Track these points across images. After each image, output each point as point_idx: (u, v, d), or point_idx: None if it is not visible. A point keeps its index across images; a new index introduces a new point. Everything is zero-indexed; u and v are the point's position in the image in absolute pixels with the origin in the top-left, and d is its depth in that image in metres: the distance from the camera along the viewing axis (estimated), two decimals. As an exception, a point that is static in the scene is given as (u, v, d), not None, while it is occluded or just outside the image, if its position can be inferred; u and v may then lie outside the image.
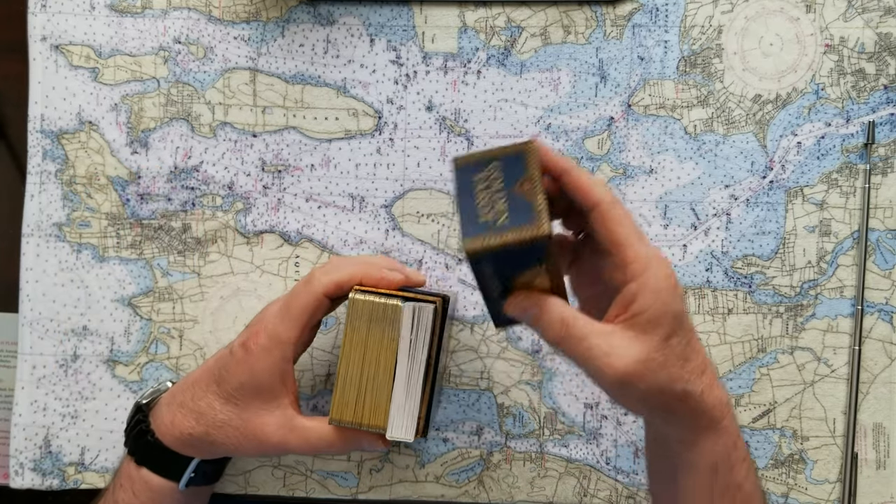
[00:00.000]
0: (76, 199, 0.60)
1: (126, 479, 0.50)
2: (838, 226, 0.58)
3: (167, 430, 0.49)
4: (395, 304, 0.47)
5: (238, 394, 0.48)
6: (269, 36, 0.59)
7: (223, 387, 0.49)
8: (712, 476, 0.42)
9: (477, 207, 0.39)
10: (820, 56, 0.58)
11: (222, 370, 0.49)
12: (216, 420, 0.49)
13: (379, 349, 0.48)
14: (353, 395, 0.48)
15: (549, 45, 0.59)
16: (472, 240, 0.38)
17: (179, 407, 0.49)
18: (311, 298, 0.48)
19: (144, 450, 0.50)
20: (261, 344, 0.48)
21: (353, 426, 0.48)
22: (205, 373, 0.50)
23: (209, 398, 0.49)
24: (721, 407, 0.41)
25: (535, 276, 0.41)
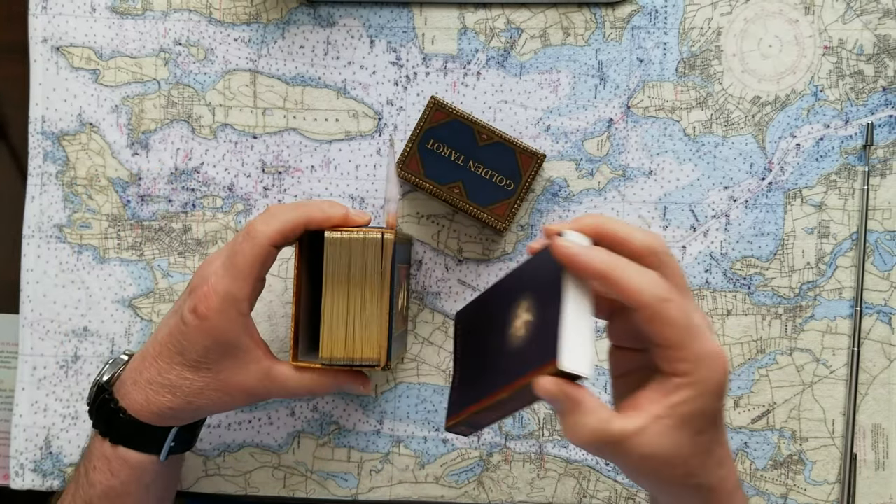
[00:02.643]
0: (77, 201, 0.60)
1: (100, 460, 0.49)
2: (837, 227, 0.58)
3: (142, 408, 0.48)
4: (376, 237, 0.47)
5: (206, 359, 0.47)
6: (270, 38, 0.60)
7: (188, 356, 0.47)
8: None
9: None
10: (819, 58, 0.58)
11: (181, 340, 0.47)
12: (193, 389, 0.47)
13: (363, 283, 0.48)
14: (342, 332, 0.48)
15: (548, 47, 0.59)
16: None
17: (148, 384, 0.48)
18: (258, 251, 0.46)
19: (119, 429, 0.48)
20: (213, 307, 0.46)
21: (346, 363, 0.48)
22: (163, 346, 0.48)
23: (177, 370, 0.47)
24: (730, 493, 0.41)
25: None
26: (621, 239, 0.40)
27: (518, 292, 0.42)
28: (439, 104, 0.54)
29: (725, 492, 0.40)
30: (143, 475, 0.49)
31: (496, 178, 0.54)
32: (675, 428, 0.37)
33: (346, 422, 0.59)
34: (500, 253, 0.59)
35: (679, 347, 0.37)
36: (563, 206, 0.59)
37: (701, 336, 0.38)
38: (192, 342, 0.47)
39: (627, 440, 0.37)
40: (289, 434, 0.59)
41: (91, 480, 0.49)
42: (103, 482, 0.48)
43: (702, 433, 0.38)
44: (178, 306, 0.48)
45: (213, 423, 0.59)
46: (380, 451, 0.59)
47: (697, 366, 0.37)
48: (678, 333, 0.37)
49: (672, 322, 0.37)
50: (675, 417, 0.37)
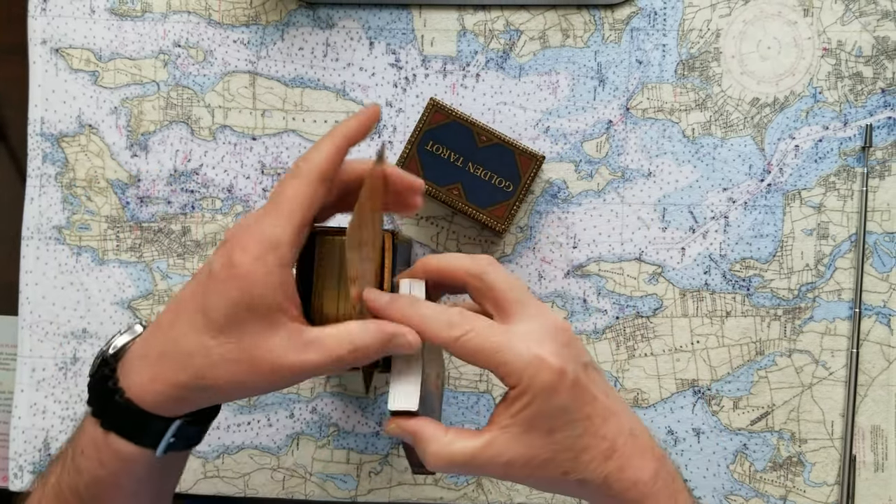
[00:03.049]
0: (76, 202, 0.60)
1: (90, 445, 0.41)
2: (836, 229, 0.58)
3: (145, 389, 0.40)
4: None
5: (232, 319, 0.38)
6: (269, 39, 0.60)
7: (211, 315, 0.38)
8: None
9: None
10: (818, 60, 0.58)
11: (205, 296, 0.39)
12: (210, 360, 0.39)
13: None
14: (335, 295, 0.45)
15: (547, 49, 0.59)
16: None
17: (159, 358, 0.40)
18: (304, 187, 0.40)
19: (113, 412, 0.40)
20: (250, 252, 0.38)
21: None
22: (182, 306, 0.40)
23: (195, 335, 0.39)
24: (638, 488, 0.40)
25: None
26: (441, 272, 0.43)
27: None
28: (438, 106, 0.54)
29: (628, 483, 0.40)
30: (134, 470, 0.41)
31: (495, 180, 0.54)
32: (523, 433, 0.39)
33: (346, 423, 0.59)
34: (500, 255, 0.59)
35: (496, 367, 0.39)
36: (563, 208, 0.59)
37: (514, 348, 0.39)
38: (219, 295, 0.38)
39: (476, 456, 0.39)
40: (288, 436, 0.59)
41: (78, 466, 0.41)
42: (91, 471, 0.41)
43: (554, 432, 0.39)
44: (208, 262, 0.40)
45: (213, 425, 0.59)
46: (379, 452, 0.59)
47: (519, 376, 0.39)
48: (487, 357, 0.39)
49: (475, 351, 0.39)
50: (519, 424, 0.39)
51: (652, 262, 0.58)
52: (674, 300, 0.58)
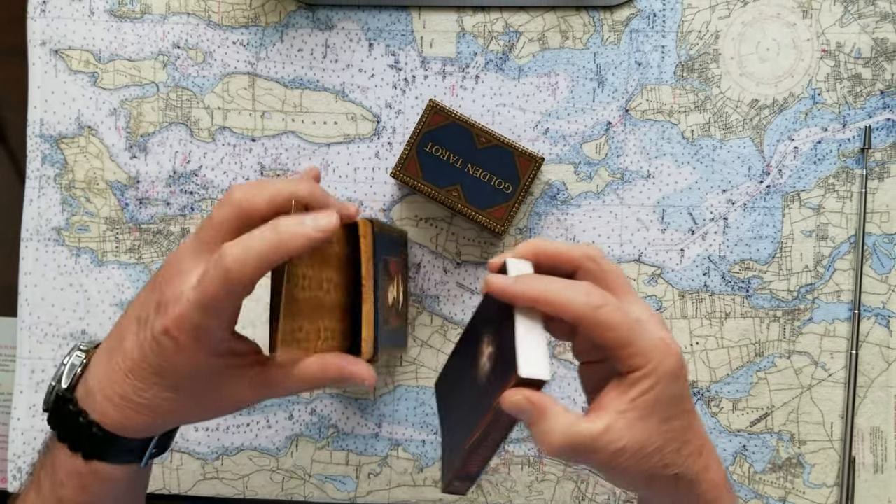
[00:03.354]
0: (75, 204, 0.60)
1: (71, 476, 0.42)
2: (835, 230, 0.58)
3: (121, 425, 0.41)
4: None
5: (190, 382, 0.41)
6: (268, 41, 0.60)
7: (167, 378, 0.41)
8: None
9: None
10: (816, 61, 0.58)
11: (159, 363, 0.40)
12: (176, 408, 0.42)
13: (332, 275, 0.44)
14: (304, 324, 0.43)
15: (547, 50, 0.59)
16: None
17: (123, 401, 0.41)
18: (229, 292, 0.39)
19: (92, 444, 0.42)
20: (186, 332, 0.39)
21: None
22: (136, 363, 0.41)
23: (156, 391, 0.41)
24: (716, 489, 0.41)
25: None
26: (557, 254, 0.42)
27: (480, 332, 0.44)
28: (438, 107, 0.54)
29: (710, 484, 0.40)
30: (118, 486, 0.44)
31: (494, 181, 0.54)
32: (640, 419, 0.38)
33: (345, 425, 0.59)
34: (499, 256, 0.59)
35: (625, 346, 0.38)
36: (562, 209, 0.59)
37: (644, 329, 0.39)
38: (171, 366, 0.40)
39: (596, 440, 0.38)
40: (287, 437, 0.59)
41: (59, 497, 0.43)
42: (73, 499, 0.43)
43: (670, 420, 0.39)
44: (145, 314, 0.41)
45: (212, 427, 0.59)
46: (378, 454, 0.59)
47: (647, 357, 0.38)
48: (621, 334, 0.38)
49: (612, 325, 0.38)
50: (638, 409, 0.38)
51: (651, 263, 0.58)
52: (673, 301, 0.58)
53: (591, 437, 0.38)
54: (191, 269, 0.40)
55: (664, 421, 0.39)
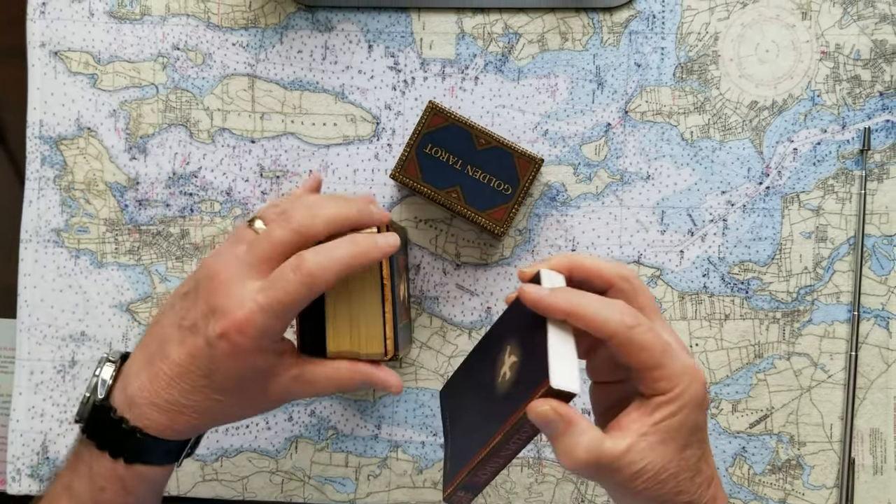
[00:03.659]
0: (74, 205, 0.60)
1: (111, 480, 0.45)
2: (834, 232, 0.58)
3: (164, 427, 0.44)
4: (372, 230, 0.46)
5: (237, 384, 0.44)
6: (268, 42, 0.60)
7: (216, 381, 0.44)
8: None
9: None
10: (816, 63, 0.58)
11: (209, 366, 0.43)
12: (225, 407, 0.45)
13: (363, 280, 0.47)
14: (346, 326, 0.47)
15: (546, 52, 0.59)
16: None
17: (170, 405, 0.44)
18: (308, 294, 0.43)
19: (135, 449, 0.45)
20: (250, 340, 0.42)
21: (352, 356, 0.47)
22: (183, 368, 0.44)
23: (204, 393, 0.44)
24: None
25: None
26: (591, 270, 0.42)
27: (502, 341, 0.43)
28: (437, 109, 0.54)
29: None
30: (158, 485, 0.47)
31: (494, 183, 0.54)
32: (661, 443, 0.39)
33: (344, 427, 0.59)
34: (498, 257, 0.59)
35: (655, 368, 0.39)
36: (561, 211, 0.59)
37: (674, 354, 0.39)
38: (224, 369, 0.43)
39: (618, 459, 0.38)
40: (286, 439, 0.59)
41: (98, 501, 0.45)
42: (115, 501, 0.45)
43: (687, 448, 0.39)
44: (190, 321, 0.44)
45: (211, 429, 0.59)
46: (378, 455, 0.59)
47: (675, 382, 0.39)
48: (651, 356, 0.39)
49: (643, 346, 0.39)
50: (660, 433, 0.39)
51: (650, 264, 0.58)
52: (672, 303, 0.58)
53: (614, 456, 0.38)
54: (245, 278, 0.43)
55: (682, 448, 0.39)
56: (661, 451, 0.38)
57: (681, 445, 0.39)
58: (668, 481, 0.39)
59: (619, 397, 0.43)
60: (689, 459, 0.39)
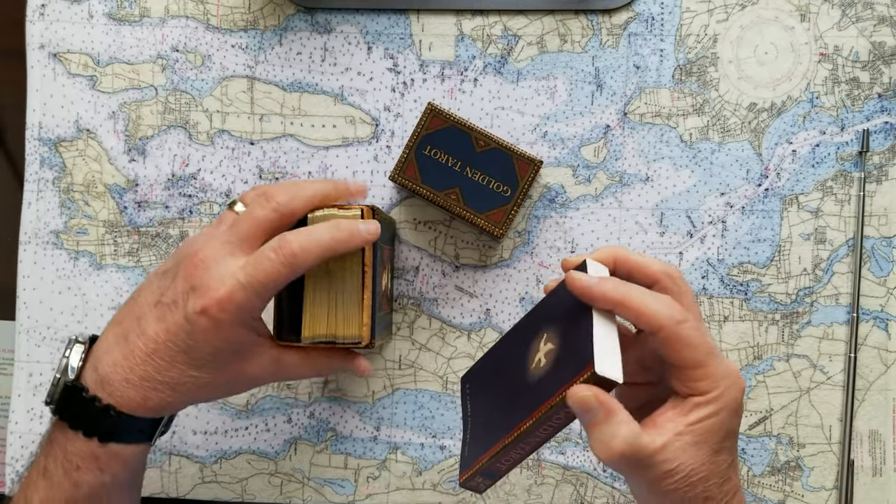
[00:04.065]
0: (74, 207, 0.60)
1: (87, 458, 0.44)
2: (833, 233, 0.58)
3: (138, 405, 0.44)
4: (356, 214, 0.47)
5: (214, 359, 0.44)
6: (267, 44, 0.60)
7: (194, 356, 0.44)
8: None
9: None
10: (814, 65, 0.58)
11: (186, 340, 0.43)
12: (197, 385, 0.45)
13: (343, 262, 0.48)
14: (324, 311, 0.48)
15: (545, 54, 0.59)
16: None
17: (143, 381, 0.44)
18: (285, 271, 0.43)
19: (108, 426, 0.44)
20: (229, 315, 0.43)
21: (328, 341, 0.48)
22: (160, 344, 0.44)
23: (180, 368, 0.44)
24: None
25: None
26: (638, 266, 0.42)
27: (538, 329, 0.43)
28: (436, 110, 0.54)
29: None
30: (134, 464, 0.47)
31: (493, 185, 0.54)
32: (694, 445, 0.38)
33: (343, 428, 0.59)
34: (498, 259, 0.59)
35: (698, 367, 0.38)
36: (560, 213, 0.59)
37: (718, 356, 0.39)
38: (201, 343, 0.43)
39: (653, 455, 0.38)
40: (285, 441, 0.59)
41: (75, 481, 0.45)
42: (91, 481, 0.45)
43: (720, 453, 0.39)
44: (169, 298, 0.44)
45: (210, 430, 0.59)
46: (377, 457, 0.59)
47: (717, 384, 0.38)
48: (696, 353, 0.38)
49: (690, 343, 0.38)
50: (695, 434, 0.38)
51: (650, 266, 0.58)
52: (672, 305, 0.58)
53: (649, 452, 0.38)
54: (227, 256, 0.44)
55: (715, 452, 0.39)
56: (693, 452, 0.38)
57: (714, 449, 0.39)
58: (698, 484, 0.38)
59: (646, 400, 0.43)
60: (721, 465, 0.39)
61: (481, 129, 0.54)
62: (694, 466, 0.38)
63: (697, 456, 0.38)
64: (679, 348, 0.38)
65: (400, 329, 0.59)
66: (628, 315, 0.39)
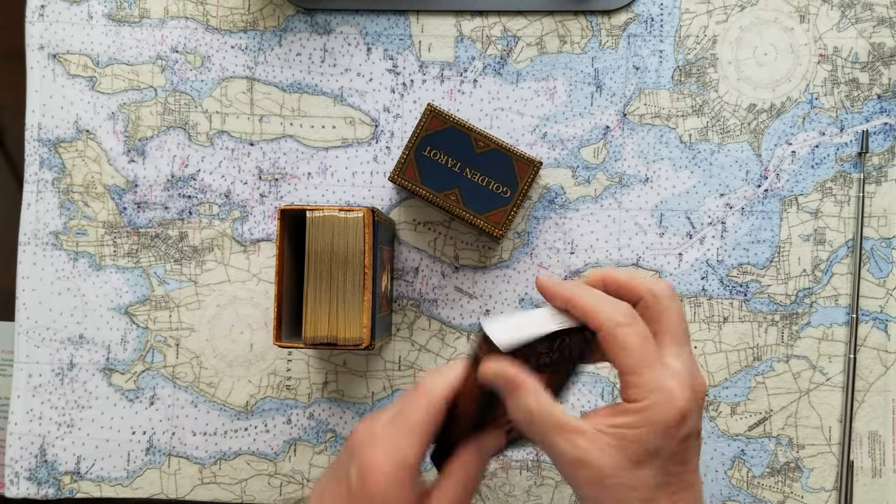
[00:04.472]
0: (73, 208, 0.60)
1: None
2: (833, 234, 0.58)
3: None
4: (357, 216, 0.48)
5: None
6: (267, 45, 0.60)
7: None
8: None
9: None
10: (814, 66, 0.58)
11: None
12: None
13: (345, 262, 0.48)
14: (325, 312, 0.48)
15: (544, 55, 0.59)
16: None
17: None
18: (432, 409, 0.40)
19: None
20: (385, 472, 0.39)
21: (329, 342, 0.48)
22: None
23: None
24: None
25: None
26: (623, 283, 0.42)
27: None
28: (436, 111, 0.54)
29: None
30: None
31: (493, 186, 0.54)
32: (612, 447, 0.38)
33: (343, 429, 0.59)
34: (497, 260, 0.59)
35: (630, 373, 0.38)
36: (560, 214, 0.59)
37: (658, 369, 0.38)
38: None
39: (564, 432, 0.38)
40: (285, 442, 0.59)
41: None
42: None
43: (641, 466, 0.38)
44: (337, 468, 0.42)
45: (209, 432, 0.59)
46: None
47: (645, 396, 0.38)
48: (629, 359, 0.38)
49: (625, 346, 0.38)
50: (614, 438, 0.38)
51: (649, 267, 0.58)
52: (671, 306, 0.58)
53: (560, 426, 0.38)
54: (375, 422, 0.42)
55: (635, 464, 0.38)
56: (609, 453, 0.38)
57: (633, 460, 0.38)
58: (614, 490, 0.38)
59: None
60: (643, 479, 0.38)
61: (481, 130, 0.54)
62: (606, 467, 0.37)
63: (612, 459, 0.38)
64: (615, 351, 0.38)
65: (399, 330, 0.59)
66: (576, 312, 0.39)
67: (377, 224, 0.50)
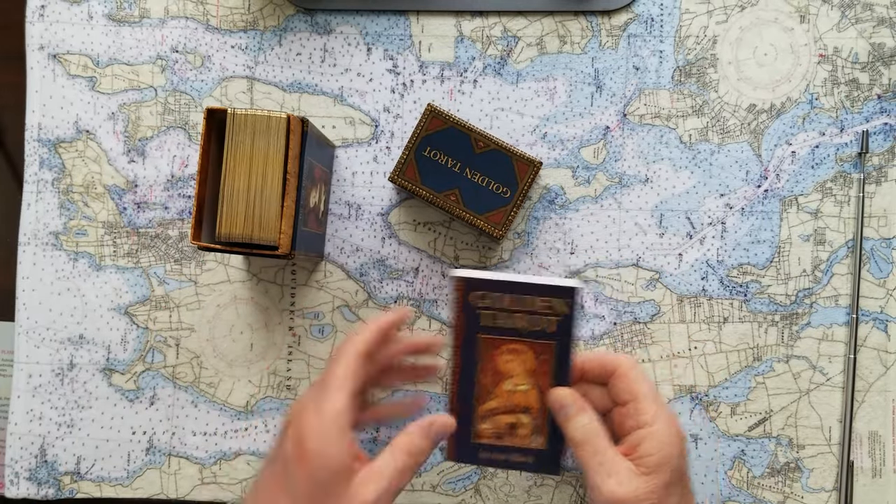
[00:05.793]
0: (73, 208, 0.60)
1: None
2: (833, 234, 0.58)
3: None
4: (281, 117, 0.47)
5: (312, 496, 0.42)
6: (267, 45, 0.60)
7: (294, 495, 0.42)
8: None
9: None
10: (814, 66, 0.58)
11: (286, 479, 0.43)
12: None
13: (265, 162, 0.47)
14: (242, 210, 0.47)
15: (545, 55, 0.59)
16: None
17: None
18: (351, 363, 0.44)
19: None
20: (314, 428, 0.42)
21: (244, 241, 0.47)
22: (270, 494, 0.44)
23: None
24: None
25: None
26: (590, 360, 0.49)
27: None
28: (436, 112, 0.54)
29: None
30: None
31: (493, 186, 0.54)
32: (647, 474, 0.44)
33: (343, 429, 0.59)
34: (497, 260, 0.59)
35: (644, 399, 0.46)
36: (560, 214, 0.59)
37: (660, 399, 0.47)
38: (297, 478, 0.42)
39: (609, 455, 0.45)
40: (285, 442, 0.59)
41: None
42: None
43: (671, 485, 0.44)
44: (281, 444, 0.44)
45: (210, 432, 0.59)
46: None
47: (657, 418, 0.45)
48: (644, 389, 0.46)
49: (639, 379, 0.47)
50: (646, 465, 0.44)
51: (649, 267, 0.58)
52: (671, 306, 0.58)
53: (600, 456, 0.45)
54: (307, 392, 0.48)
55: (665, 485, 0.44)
56: (646, 480, 0.44)
57: (665, 482, 0.44)
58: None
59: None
60: (671, 497, 0.44)
61: (481, 131, 0.54)
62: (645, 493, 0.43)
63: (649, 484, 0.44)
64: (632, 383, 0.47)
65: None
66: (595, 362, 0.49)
67: (307, 135, 0.49)
